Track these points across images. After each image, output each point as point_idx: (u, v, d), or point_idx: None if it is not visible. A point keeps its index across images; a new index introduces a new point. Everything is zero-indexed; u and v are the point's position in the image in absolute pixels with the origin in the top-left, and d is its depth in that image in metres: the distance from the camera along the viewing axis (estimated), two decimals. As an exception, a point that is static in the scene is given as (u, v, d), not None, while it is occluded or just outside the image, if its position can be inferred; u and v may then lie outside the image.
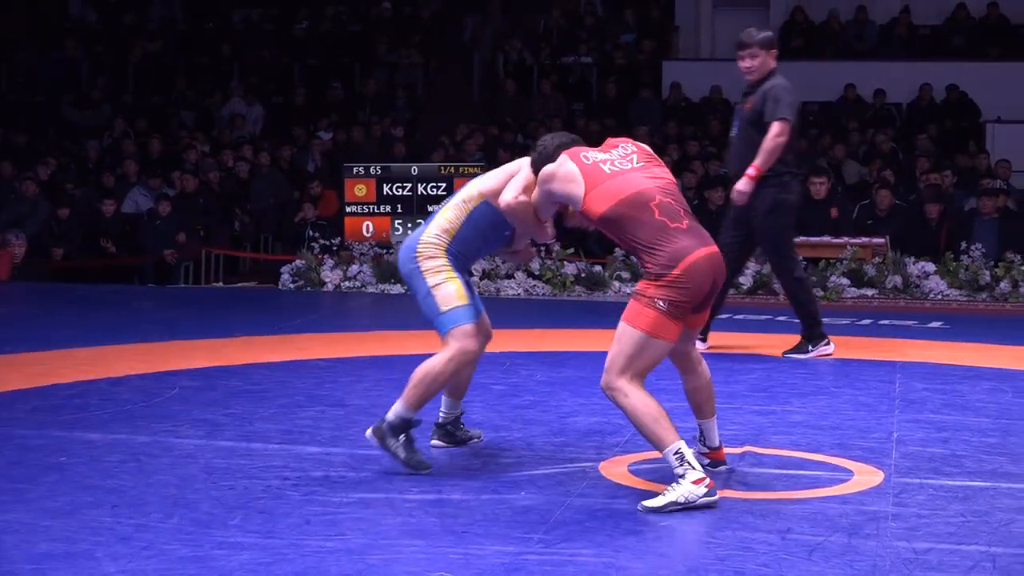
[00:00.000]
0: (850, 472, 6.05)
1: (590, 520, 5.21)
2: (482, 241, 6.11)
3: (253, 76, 20.87)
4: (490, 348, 9.71)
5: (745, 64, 9.38)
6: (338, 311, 12.78)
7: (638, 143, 5.86)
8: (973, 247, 13.70)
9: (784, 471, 6.04)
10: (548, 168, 5.72)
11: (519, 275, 13.79)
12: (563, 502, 5.49)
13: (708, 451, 6.02)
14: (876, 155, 17.35)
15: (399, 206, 14.59)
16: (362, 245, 14.32)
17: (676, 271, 5.36)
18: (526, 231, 6.13)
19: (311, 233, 15.01)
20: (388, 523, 5.14)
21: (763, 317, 11.83)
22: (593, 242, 14.64)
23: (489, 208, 5.96)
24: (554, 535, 5.00)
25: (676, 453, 5.32)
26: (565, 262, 13.90)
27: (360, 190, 14.61)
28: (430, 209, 14.24)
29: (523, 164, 5.96)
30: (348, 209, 14.62)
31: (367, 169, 14.74)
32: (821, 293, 13.15)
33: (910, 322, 11.64)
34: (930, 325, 11.56)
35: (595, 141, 6.07)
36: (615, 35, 21.92)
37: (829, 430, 6.93)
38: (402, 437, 5.86)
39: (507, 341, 10.20)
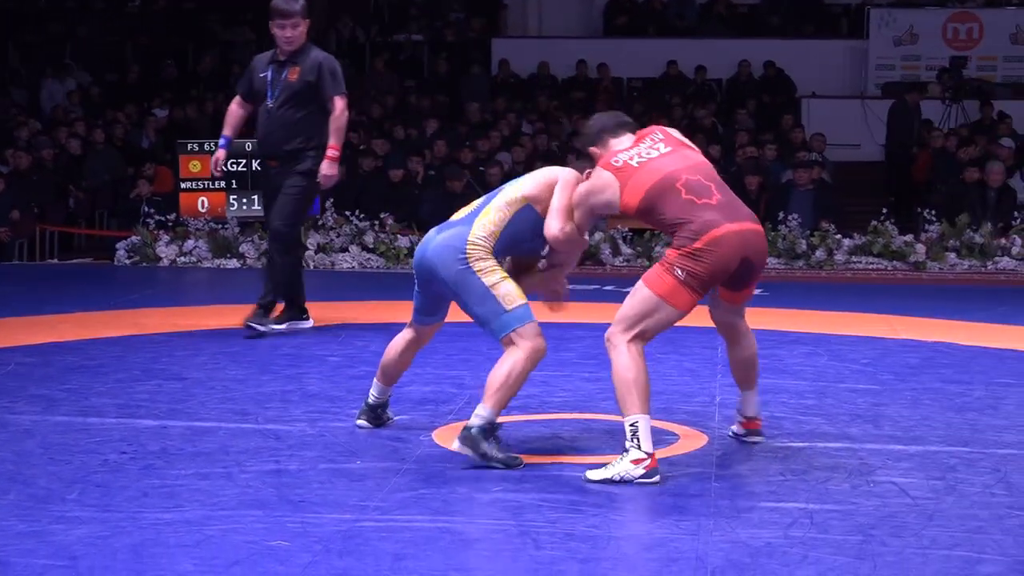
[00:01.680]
0: (676, 435, 6.13)
1: (425, 487, 5.21)
2: (526, 244, 5.82)
3: (85, 54, 20.46)
4: (326, 320, 9.72)
5: (287, 34, 9.07)
6: (174, 286, 12.62)
7: (667, 129, 5.77)
8: (790, 217, 13.96)
9: (613, 435, 6.10)
10: (582, 187, 5.63)
11: (353, 248, 13.73)
12: (398, 469, 5.48)
13: (744, 420, 6.04)
14: (698, 130, 17.55)
15: (234, 182, 14.42)
16: (197, 221, 14.15)
17: (698, 243, 5.31)
18: (573, 254, 6.00)
19: (147, 209, 14.77)
20: (226, 494, 5.09)
21: (591, 287, 11.92)
22: (426, 214, 14.61)
23: (532, 212, 5.70)
24: (390, 502, 5.00)
25: (632, 425, 5.27)
26: (398, 235, 13.86)
27: (195, 166, 14.41)
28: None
29: (560, 176, 5.75)
30: (183, 185, 14.40)
31: (202, 145, 14.54)
32: (646, 263, 13.29)
33: (731, 290, 11.79)
34: (750, 292, 11.72)
35: (427, 115, 6.13)
36: (445, 13, 21.89)
37: (655, 395, 6.95)
38: (492, 439, 5.51)
39: (342, 313, 10.17)
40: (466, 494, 5.13)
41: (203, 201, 14.33)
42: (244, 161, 14.40)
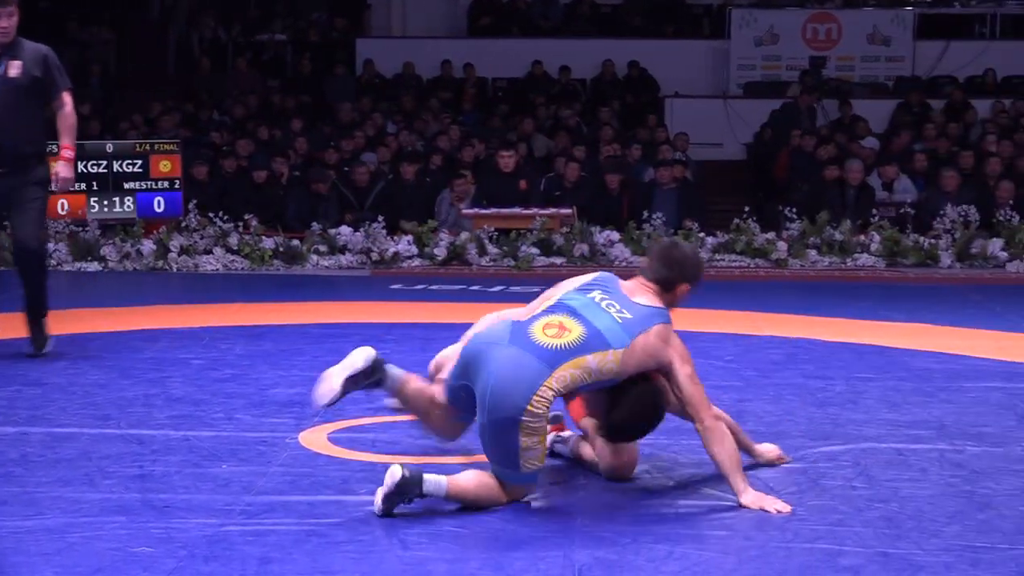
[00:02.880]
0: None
1: (291, 490, 5.18)
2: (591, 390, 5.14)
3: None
4: (188, 323, 9.63)
5: (3, 24, 8.32)
6: (33, 290, 12.39)
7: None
8: (654, 216, 14.08)
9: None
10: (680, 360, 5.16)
11: (217, 250, 13.59)
12: (264, 472, 5.45)
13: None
14: (562, 128, 17.64)
15: (95, 183, 14.25)
16: (57, 223, 13.93)
17: None
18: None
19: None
20: (88, 500, 5.01)
21: (457, 287, 11.93)
22: (291, 217, 14.53)
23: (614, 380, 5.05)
24: (256, 505, 4.96)
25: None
26: (263, 237, 13.76)
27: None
28: (127, 186, 14.16)
29: (671, 356, 5.12)
30: (42, 187, 14.20)
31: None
32: (512, 263, 13.35)
33: (597, 289, 11.85)
34: (616, 291, 11.80)
35: (291, 115, 5.98)
36: (308, 12, 21.77)
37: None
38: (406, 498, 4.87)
39: (206, 316, 10.08)
40: (333, 496, 5.11)
41: (63, 203, 14.13)
42: (104, 163, 14.24)
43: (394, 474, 4.76)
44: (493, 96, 19.79)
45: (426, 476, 4.80)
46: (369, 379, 5.27)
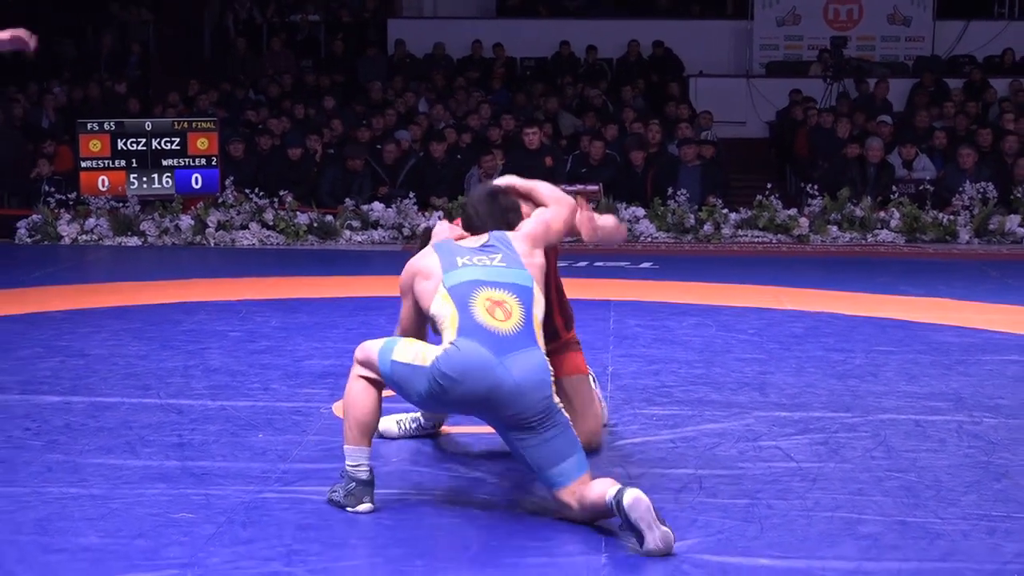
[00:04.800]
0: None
1: (326, 458, 5.20)
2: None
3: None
4: (225, 296, 9.66)
5: None
6: (75, 264, 12.45)
7: None
8: (679, 193, 14.05)
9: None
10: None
11: (253, 226, 13.62)
12: (299, 441, 5.47)
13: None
14: (589, 108, 17.59)
15: (134, 160, 14.29)
16: (98, 199, 13.99)
17: None
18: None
19: (47, 188, 14.55)
20: (130, 468, 5.05)
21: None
22: (325, 193, 14.54)
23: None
24: (292, 473, 4.99)
25: None
26: (297, 212, 13.78)
27: (95, 145, 14.26)
28: (165, 163, 14.19)
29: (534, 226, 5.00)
30: (83, 164, 14.26)
31: (101, 124, 14.40)
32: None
33: (623, 263, 11.87)
34: (641, 266, 11.81)
35: (324, 94, 5.95)
36: (340, -7, 21.76)
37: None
38: None
39: (243, 289, 10.11)
40: (366, 465, 5.13)
41: (103, 180, 14.19)
42: (144, 140, 14.27)
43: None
44: (521, 75, 19.74)
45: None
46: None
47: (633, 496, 4.18)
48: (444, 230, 5.14)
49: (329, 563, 4.08)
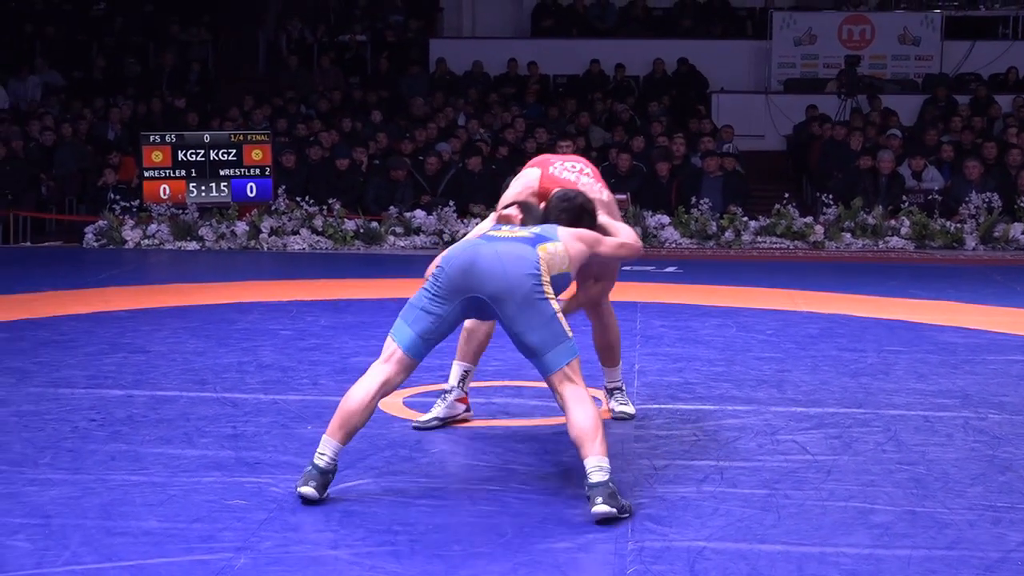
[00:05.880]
0: (599, 401, 6.14)
1: (370, 449, 5.20)
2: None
3: (54, 52, 20.22)
4: (277, 297, 9.68)
5: None
6: (138, 266, 12.50)
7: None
8: (701, 202, 14.02)
9: (541, 401, 6.10)
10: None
11: (304, 231, 13.65)
12: (346, 433, 5.46)
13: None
14: (617, 122, 17.56)
15: (193, 170, 14.34)
16: (160, 206, 14.05)
17: None
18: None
19: (112, 196, 14.61)
20: (187, 457, 5.06)
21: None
22: (370, 201, 14.56)
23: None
24: (340, 463, 4.98)
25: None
26: (345, 219, 13.80)
27: (157, 156, 14.31)
28: (222, 173, 14.24)
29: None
30: (146, 174, 14.31)
31: (163, 137, 14.46)
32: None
33: (648, 267, 11.85)
34: (666, 270, 11.78)
35: (370, 110, 5.94)
36: (386, 15, 21.76)
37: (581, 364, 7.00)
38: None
39: (294, 291, 10.12)
40: (407, 455, 5.13)
41: (165, 188, 14.24)
42: (202, 151, 14.32)
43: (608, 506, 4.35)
44: (554, 91, 19.72)
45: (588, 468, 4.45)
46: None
47: (594, 511, 4.32)
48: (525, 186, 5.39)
49: (373, 547, 4.08)
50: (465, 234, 5.38)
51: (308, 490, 4.51)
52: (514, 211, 5.14)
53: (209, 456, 5.08)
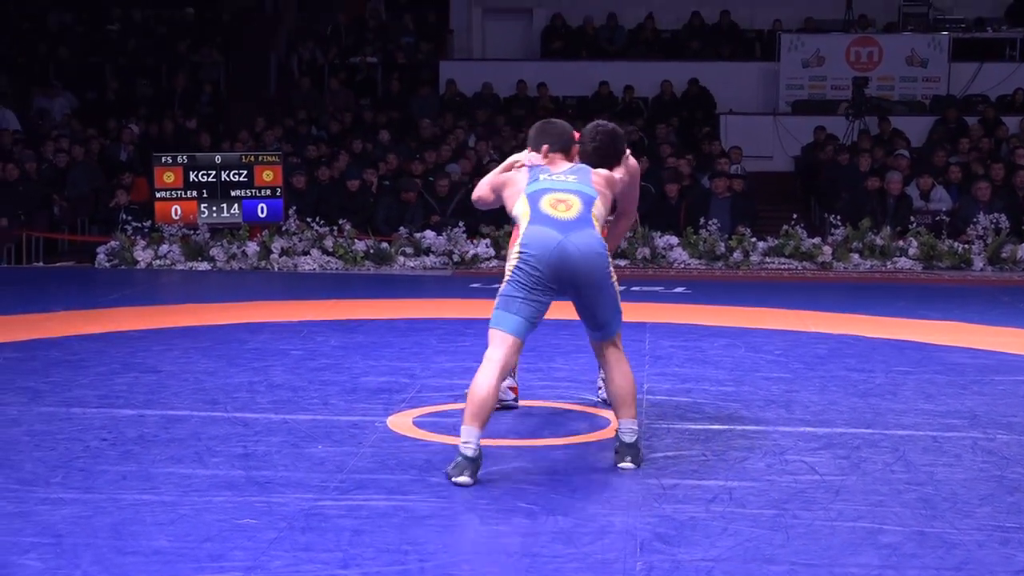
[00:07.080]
0: (607, 420, 6.13)
1: (380, 469, 5.20)
2: None
3: (67, 73, 20.30)
4: (288, 317, 9.68)
5: None
6: (150, 287, 12.51)
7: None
8: (710, 222, 14.03)
9: (551, 420, 6.10)
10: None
11: (314, 252, 13.67)
12: (356, 452, 5.46)
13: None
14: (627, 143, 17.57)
15: (204, 191, 14.37)
16: (171, 227, 14.09)
17: None
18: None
19: (124, 216, 14.65)
20: (198, 476, 5.05)
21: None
22: (381, 222, 14.57)
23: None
24: (348, 483, 4.98)
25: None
26: (355, 240, 13.82)
27: (168, 177, 14.35)
28: (233, 194, 14.27)
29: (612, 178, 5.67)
30: (158, 194, 14.35)
31: (175, 158, 14.50)
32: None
33: (657, 288, 11.84)
34: (675, 290, 11.78)
35: (380, 131, 5.99)
36: (397, 37, 21.82)
37: (588, 384, 7.01)
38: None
39: (304, 311, 10.12)
40: (417, 475, 5.12)
41: (176, 209, 14.27)
42: (214, 172, 14.35)
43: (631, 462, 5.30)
44: (563, 113, 19.74)
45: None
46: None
47: (621, 466, 5.25)
48: (537, 158, 5.67)
49: (382, 567, 4.07)
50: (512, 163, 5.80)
51: (465, 479, 4.93)
52: (524, 156, 5.71)
53: (220, 476, 5.08)
